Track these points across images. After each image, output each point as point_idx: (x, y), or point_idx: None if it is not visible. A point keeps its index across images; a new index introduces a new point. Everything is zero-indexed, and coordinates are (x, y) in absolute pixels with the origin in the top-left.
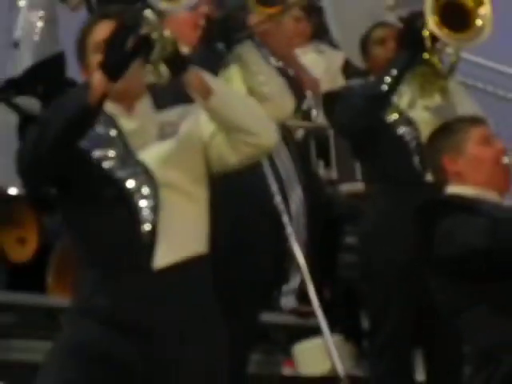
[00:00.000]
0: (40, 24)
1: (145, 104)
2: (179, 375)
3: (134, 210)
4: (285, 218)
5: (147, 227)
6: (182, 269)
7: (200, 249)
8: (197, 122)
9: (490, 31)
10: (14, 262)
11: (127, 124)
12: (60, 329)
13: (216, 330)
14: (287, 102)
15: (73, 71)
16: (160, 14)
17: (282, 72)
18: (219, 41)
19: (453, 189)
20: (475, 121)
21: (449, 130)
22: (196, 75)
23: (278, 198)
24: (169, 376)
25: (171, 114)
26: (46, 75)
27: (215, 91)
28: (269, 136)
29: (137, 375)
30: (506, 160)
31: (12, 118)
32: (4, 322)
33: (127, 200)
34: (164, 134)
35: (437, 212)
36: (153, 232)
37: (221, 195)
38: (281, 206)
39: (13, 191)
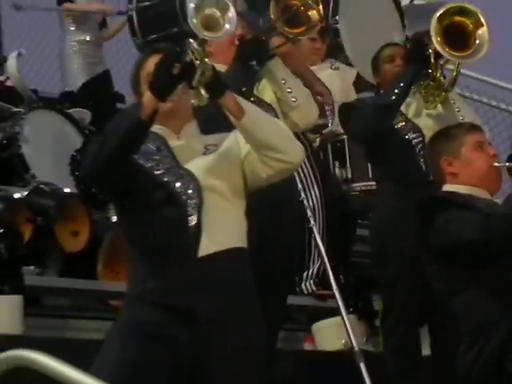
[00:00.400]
0: (88, 46)
1: (191, 127)
2: (220, 359)
3: (182, 208)
4: (308, 213)
5: (193, 221)
6: (223, 259)
7: (239, 243)
8: (236, 140)
9: (488, 50)
10: (68, 252)
11: (175, 142)
12: (108, 310)
13: (253, 321)
14: (313, 110)
15: None
16: (202, 43)
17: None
18: (252, 59)
19: (448, 187)
20: (471, 128)
21: (447, 135)
22: (231, 98)
23: (302, 195)
24: (211, 358)
25: (214, 137)
26: (95, 90)
27: (247, 112)
28: (296, 153)
29: (186, 354)
30: (496, 164)
31: (67, 128)
32: (60, 304)
33: (176, 199)
34: (207, 152)
35: (434, 207)
36: (198, 226)
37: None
38: (305, 202)
39: (67, 190)
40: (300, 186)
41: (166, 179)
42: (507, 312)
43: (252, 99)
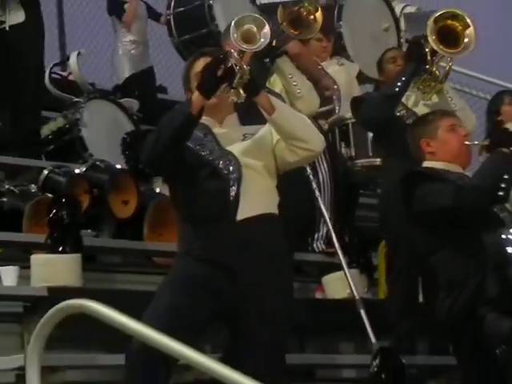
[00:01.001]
0: (135, 45)
1: (232, 118)
2: (255, 309)
3: (224, 181)
4: (313, 185)
5: (233, 191)
6: (258, 222)
7: (272, 210)
8: (269, 130)
9: (474, 47)
10: (119, 218)
11: (218, 130)
12: (153, 266)
13: (287, 287)
14: (314, 100)
15: None
16: (241, 53)
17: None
18: (266, 57)
19: (427, 163)
20: (444, 113)
21: (425, 121)
22: (264, 97)
23: (308, 171)
24: (247, 308)
25: (251, 128)
26: (141, 83)
27: (277, 109)
28: (318, 143)
29: (226, 303)
30: (467, 142)
31: (118, 115)
32: (112, 261)
33: (219, 174)
34: (245, 139)
35: (415, 180)
36: (237, 195)
37: None
38: (311, 177)
39: (118, 166)
40: (311, 163)
41: (210, 158)
42: (477, 268)
43: (265, 89)
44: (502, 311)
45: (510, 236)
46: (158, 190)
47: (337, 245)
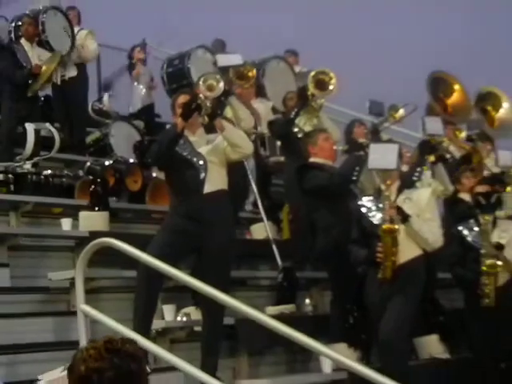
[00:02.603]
0: (145, 88)
1: (200, 132)
2: (212, 243)
3: (197, 170)
4: (248, 171)
5: (202, 176)
6: (216, 194)
7: (224, 187)
8: (222, 139)
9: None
10: (131, 190)
11: (192, 138)
12: (153, 221)
13: (229, 225)
14: (251, 123)
15: None
16: (206, 98)
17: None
18: (222, 96)
19: (312, 159)
20: (321, 130)
21: (311, 134)
22: (219, 121)
23: (245, 163)
24: (207, 242)
25: (211, 136)
26: (146, 112)
27: (226, 128)
28: (249, 148)
29: (195, 239)
30: (335, 147)
31: (131, 130)
32: (127, 216)
33: (194, 165)
34: (208, 143)
35: (305, 170)
36: (204, 178)
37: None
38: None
39: (131, 160)
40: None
41: (188, 156)
42: (343, 221)
43: (221, 116)
44: (360, 245)
45: (361, 202)
46: (154, 175)
47: (260, 206)
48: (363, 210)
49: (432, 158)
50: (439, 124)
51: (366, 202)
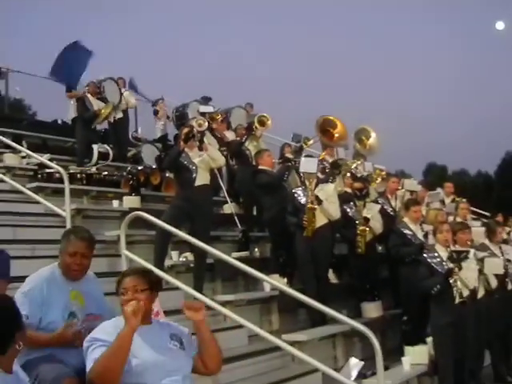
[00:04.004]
0: (162, 123)
1: (195, 148)
2: (200, 215)
3: (192, 171)
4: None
5: (194, 176)
6: (203, 186)
7: (208, 182)
8: (207, 155)
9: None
10: (154, 184)
11: (190, 153)
12: (168, 201)
13: (210, 205)
14: (222, 161)
15: None
16: (198, 132)
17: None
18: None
19: (260, 167)
20: (262, 150)
21: (258, 152)
22: (205, 145)
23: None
24: (197, 215)
25: (202, 153)
26: (163, 139)
27: (208, 149)
28: (222, 161)
29: (190, 212)
30: (274, 160)
31: (154, 149)
32: (150, 199)
33: (190, 169)
34: (200, 156)
35: (256, 172)
36: (195, 177)
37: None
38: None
39: (154, 166)
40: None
41: (187, 164)
42: (277, 203)
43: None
44: (292, 215)
45: (294, 190)
46: (167, 175)
47: (226, 195)
48: (295, 195)
49: (337, 172)
50: (314, 164)
51: (297, 190)
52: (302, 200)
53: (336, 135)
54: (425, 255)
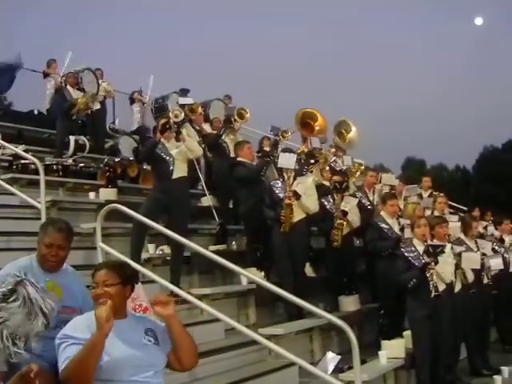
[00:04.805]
0: (140, 114)
1: (172, 139)
2: (176, 207)
3: (169, 163)
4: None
5: (171, 167)
6: (180, 179)
7: (185, 174)
8: (184, 146)
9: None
10: (131, 176)
11: (166, 145)
12: (145, 194)
13: (187, 197)
14: (199, 151)
15: None
16: (174, 122)
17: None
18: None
19: (239, 159)
20: (242, 141)
21: (237, 144)
22: (182, 135)
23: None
24: (173, 207)
25: (179, 144)
26: (139, 131)
27: (186, 139)
28: (200, 152)
29: (167, 204)
30: (253, 153)
31: (131, 141)
32: (127, 191)
33: (167, 161)
34: (178, 147)
35: (235, 164)
36: (173, 169)
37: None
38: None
39: (131, 158)
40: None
41: (163, 155)
42: (254, 196)
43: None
44: (270, 209)
45: (272, 183)
46: (144, 167)
47: (204, 187)
48: (274, 188)
49: (312, 161)
50: (293, 160)
51: (275, 183)
52: (280, 194)
53: (316, 128)
54: (402, 249)
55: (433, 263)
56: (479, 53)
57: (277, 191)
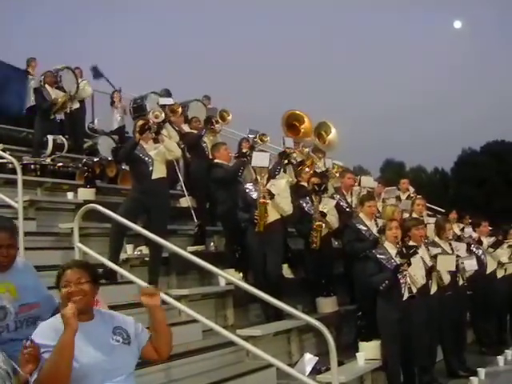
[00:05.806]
0: (120, 114)
1: (151, 142)
2: (156, 207)
3: (148, 164)
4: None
5: (150, 168)
6: (159, 179)
7: (164, 175)
8: (163, 147)
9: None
10: (110, 176)
11: (145, 146)
12: (124, 194)
13: (166, 197)
14: (178, 153)
15: None
16: (154, 123)
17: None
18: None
19: (217, 161)
20: (220, 143)
21: (215, 145)
22: (161, 136)
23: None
24: (153, 207)
25: (157, 145)
26: (119, 131)
27: (165, 140)
28: (178, 153)
29: (146, 205)
30: (230, 155)
31: (110, 141)
32: (105, 191)
33: (146, 162)
34: (156, 149)
35: (212, 166)
36: (152, 170)
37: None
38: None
39: (110, 158)
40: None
41: (142, 156)
42: (231, 197)
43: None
44: (244, 211)
45: (245, 185)
46: (123, 167)
47: (184, 188)
48: (247, 190)
49: (285, 161)
50: (266, 158)
51: (249, 185)
52: (254, 195)
53: (302, 130)
54: (373, 251)
55: (406, 265)
56: (461, 56)
57: (250, 193)
